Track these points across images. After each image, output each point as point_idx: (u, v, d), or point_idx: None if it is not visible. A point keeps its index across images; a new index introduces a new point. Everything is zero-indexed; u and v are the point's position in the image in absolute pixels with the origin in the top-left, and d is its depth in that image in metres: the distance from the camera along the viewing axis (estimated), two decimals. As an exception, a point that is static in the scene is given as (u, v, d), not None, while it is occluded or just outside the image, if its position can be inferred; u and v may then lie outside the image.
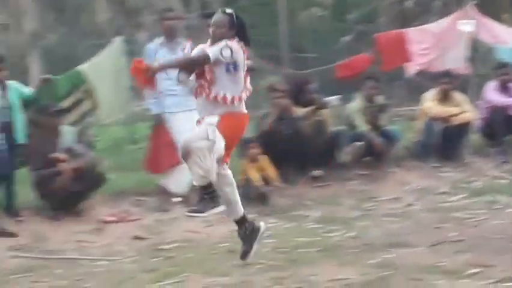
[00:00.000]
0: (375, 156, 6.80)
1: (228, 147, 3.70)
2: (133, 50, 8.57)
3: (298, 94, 6.75)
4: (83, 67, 6.20)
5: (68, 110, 5.89)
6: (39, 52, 12.85)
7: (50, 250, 3.99)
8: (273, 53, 11.36)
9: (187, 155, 3.62)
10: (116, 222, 5.60)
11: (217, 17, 3.76)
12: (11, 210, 5.46)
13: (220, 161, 3.70)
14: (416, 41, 7.17)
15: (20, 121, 5.58)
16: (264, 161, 6.07)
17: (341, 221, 5.60)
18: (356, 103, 6.87)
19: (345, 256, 4.40)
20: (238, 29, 3.80)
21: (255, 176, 5.93)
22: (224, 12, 3.86)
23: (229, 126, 3.68)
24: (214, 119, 3.65)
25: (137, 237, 5.25)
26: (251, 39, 4.00)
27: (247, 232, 3.88)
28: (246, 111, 3.84)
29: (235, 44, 3.68)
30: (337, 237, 5.13)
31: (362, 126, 6.64)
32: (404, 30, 7.83)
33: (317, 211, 5.97)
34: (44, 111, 5.66)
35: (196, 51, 3.84)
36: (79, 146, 5.78)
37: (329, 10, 17.37)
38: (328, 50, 13.06)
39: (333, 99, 6.83)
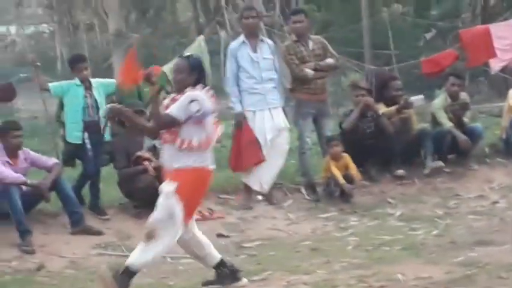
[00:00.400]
0: (460, 153, 6.68)
1: (189, 209, 3.55)
2: (215, 49, 8.82)
3: (382, 90, 6.68)
4: (167, 67, 6.25)
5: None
6: (122, 52, 13.35)
7: (134, 248, 4.13)
8: (355, 50, 11.41)
9: (151, 237, 3.49)
10: (200, 220, 5.68)
11: (176, 61, 3.76)
12: (97, 208, 5.58)
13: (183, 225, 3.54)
14: (499, 37, 7.00)
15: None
16: (347, 159, 6.06)
17: (424, 218, 5.60)
18: (440, 100, 6.77)
19: (430, 254, 4.41)
20: (198, 72, 3.66)
21: (337, 174, 5.95)
22: (181, 56, 3.82)
23: (190, 190, 3.54)
24: (172, 186, 3.49)
25: (220, 235, 5.33)
26: (334, 38, 4.00)
27: (227, 273, 3.74)
28: (211, 165, 3.64)
29: (200, 93, 3.51)
30: (421, 235, 5.12)
31: (447, 123, 6.53)
32: (488, 25, 7.67)
33: (400, 209, 5.96)
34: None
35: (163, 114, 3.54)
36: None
37: (411, 6, 17.18)
38: (410, 47, 13.02)
39: (417, 99, 6.69)
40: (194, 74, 3.59)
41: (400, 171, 6.40)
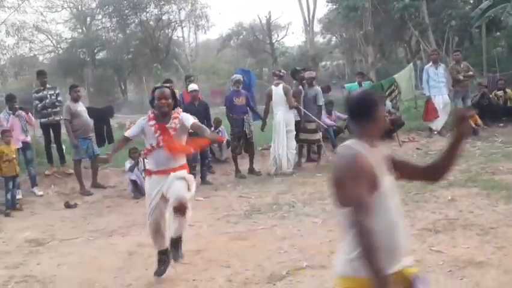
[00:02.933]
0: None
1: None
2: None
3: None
4: (395, 76, 13.58)
5: (389, 94, 13.36)
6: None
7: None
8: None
9: (184, 210, 4.69)
10: (409, 142, 12.81)
11: (163, 90, 4.88)
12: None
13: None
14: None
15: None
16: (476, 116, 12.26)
17: None
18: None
19: None
20: (175, 97, 5.01)
21: (471, 122, 12.50)
22: (165, 86, 5.06)
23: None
24: (184, 172, 4.89)
25: (418, 149, 12.30)
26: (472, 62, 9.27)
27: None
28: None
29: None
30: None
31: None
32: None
33: (500, 138, 11.48)
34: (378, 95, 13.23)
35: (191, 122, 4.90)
36: (392, 109, 13.11)
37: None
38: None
39: None
40: (175, 97, 4.96)
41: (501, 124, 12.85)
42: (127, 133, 5.06)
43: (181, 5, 37.46)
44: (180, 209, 4.62)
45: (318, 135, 10.85)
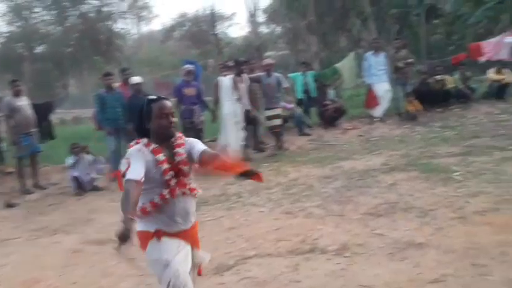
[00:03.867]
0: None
1: None
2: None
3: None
4: (337, 65, 13.87)
5: (332, 83, 13.62)
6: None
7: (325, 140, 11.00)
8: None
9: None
10: (352, 129, 13.05)
11: (168, 103, 3.20)
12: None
13: None
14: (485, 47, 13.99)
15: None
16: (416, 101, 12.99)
17: (443, 122, 12.38)
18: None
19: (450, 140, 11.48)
20: None
21: (411, 108, 12.98)
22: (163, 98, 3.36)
23: None
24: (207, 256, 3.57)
25: (360, 135, 12.38)
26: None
27: None
28: None
29: None
30: (447, 131, 11.95)
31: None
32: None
33: (439, 122, 12.59)
34: (321, 84, 13.45)
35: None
36: (335, 98, 13.43)
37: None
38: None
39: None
40: None
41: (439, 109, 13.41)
42: (134, 175, 2.98)
43: (123, -5, 36.81)
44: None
45: (279, 121, 11.02)
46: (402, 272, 4.20)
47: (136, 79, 10.24)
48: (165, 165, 3.12)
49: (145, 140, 3.20)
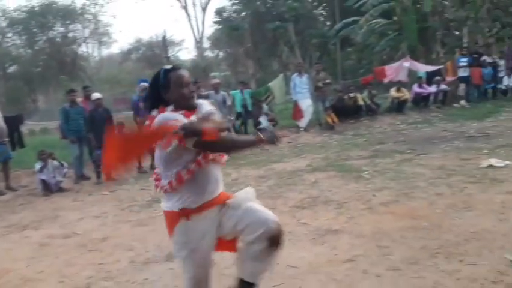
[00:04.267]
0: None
1: None
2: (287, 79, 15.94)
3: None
4: (270, 84, 13.95)
5: (265, 99, 13.71)
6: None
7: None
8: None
9: (282, 239, 2.61)
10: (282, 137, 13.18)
11: (186, 72, 2.58)
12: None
13: None
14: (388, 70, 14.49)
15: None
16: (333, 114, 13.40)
17: (354, 131, 12.75)
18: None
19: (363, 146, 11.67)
20: None
21: (329, 120, 13.34)
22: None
23: None
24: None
25: (289, 142, 12.75)
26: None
27: None
28: None
29: None
30: (359, 139, 12.24)
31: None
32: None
33: (349, 132, 13.08)
34: (257, 100, 13.51)
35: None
36: (268, 111, 13.50)
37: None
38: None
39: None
40: None
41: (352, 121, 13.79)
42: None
43: (85, 23, 35.78)
44: (279, 239, 2.60)
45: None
46: (323, 254, 4.23)
47: (96, 95, 10.00)
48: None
49: (170, 107, 2.52)
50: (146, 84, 10.54)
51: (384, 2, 17.64)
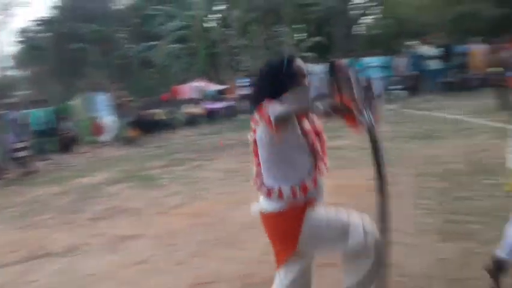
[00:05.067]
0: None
1: None
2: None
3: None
4: (73, 102, 12.92)
5: (69, 115, 12.63)
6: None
7: (64, 162, 10.57)
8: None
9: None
10: (85, 152, 12.41)
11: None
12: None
13: None
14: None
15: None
16: (135, 128, 13.14)
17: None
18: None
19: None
20: None
21: (131, 134, 12.99)
22: None
23: None
24: None
25: (91, 157, 12.05)
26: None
27: None
28: None
29: None
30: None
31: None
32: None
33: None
34: (60, 117, 12.37)
35: None
36: (71, 128, 12.49)
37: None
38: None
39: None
40: None
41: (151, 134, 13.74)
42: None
43: None
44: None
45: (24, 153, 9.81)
46: (119, 259, 4.12)
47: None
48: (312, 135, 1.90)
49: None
50: None
51: (179, 29, 18.23)
